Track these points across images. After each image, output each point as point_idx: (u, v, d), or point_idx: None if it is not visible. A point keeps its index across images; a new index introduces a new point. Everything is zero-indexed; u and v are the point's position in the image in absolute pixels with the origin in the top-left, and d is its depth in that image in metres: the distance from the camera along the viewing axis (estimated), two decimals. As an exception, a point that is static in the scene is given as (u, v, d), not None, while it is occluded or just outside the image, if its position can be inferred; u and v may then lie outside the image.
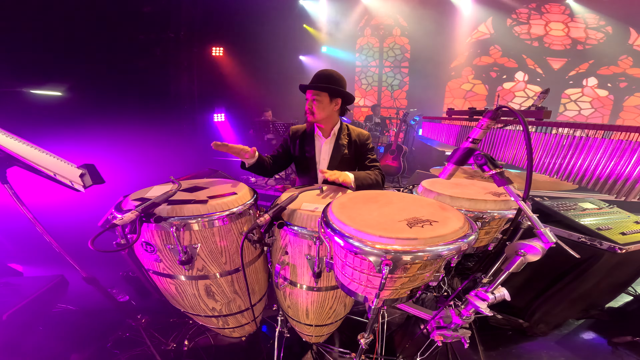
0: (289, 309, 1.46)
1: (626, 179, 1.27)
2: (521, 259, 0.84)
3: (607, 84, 6.76)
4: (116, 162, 3.78)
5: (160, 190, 1.26)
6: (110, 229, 1.02)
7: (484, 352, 1.76)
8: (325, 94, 1.68)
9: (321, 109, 1.69)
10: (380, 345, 1.57)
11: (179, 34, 5.38)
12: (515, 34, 7.16)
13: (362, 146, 1.81)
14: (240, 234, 1.29)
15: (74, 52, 3.63)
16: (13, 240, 2.63)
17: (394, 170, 5.16)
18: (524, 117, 0.85)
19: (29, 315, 1.61)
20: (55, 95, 3.57)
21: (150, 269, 1.31)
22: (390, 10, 7.89)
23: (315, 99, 1.67)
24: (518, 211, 1.00)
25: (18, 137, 1.07)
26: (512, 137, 1.87)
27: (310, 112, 1.70)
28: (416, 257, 0.81)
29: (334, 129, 1.80)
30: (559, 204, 1.95)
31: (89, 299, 1.96)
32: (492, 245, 1.47)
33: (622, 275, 1.85)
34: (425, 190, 1.52)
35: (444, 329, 1.11)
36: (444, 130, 2.70)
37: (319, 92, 1.67)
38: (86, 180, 1.07)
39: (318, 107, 1.69)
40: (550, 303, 1.83)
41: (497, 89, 7.56)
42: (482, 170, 0.92)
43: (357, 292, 0.98)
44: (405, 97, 8.62)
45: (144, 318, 1.61)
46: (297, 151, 1.85)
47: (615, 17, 6.34)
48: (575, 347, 1.85)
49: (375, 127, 6.43)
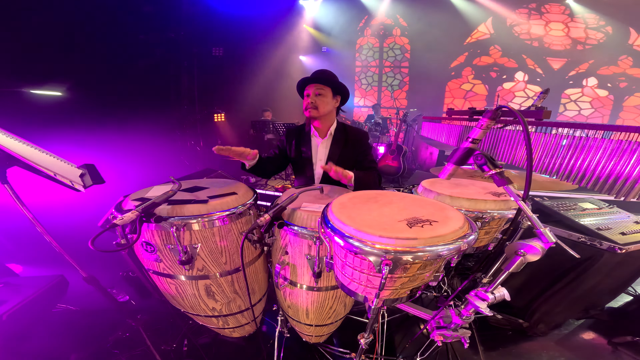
0: (289, 309, 1.46)
1: (626, 178, 1.26)
2: (521, 259, 0.84)
3: (607, 84, 6.76)
4: (116, 162, 3.78)
5: (160, 190, 1.26)
6: (110, 229, 1.02)
7: (484, 352, 1.76)
8: (329, 88, 1.66)
9: (325, 103, 1.67)
10: (380, 345, 1.57)
11: (179, 34, 5.39)
12: (515, 34, 7.16)
13: (360, 146, 1.79)
14: (240, 234, 1.29)
15: (74, 52, 3.63)
16: (13, 240, 2.63)
17: (394, 170, 5.16)
18: (524, 117, 0.85)
19: (29, 315, 1.61)
20: (55, 95, 3.57)
21: (150, 269, 1.31)
22: (390, 10, 7.90)
23: (320, 93, 1.65)
24: (518, 211, 1.00)
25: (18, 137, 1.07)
26: (512, 137, 1.86)
27: (314, 107, 1.65)
28: (416, 257, 0.81)
29: (331, 129, 1.77)
30: (558, 204, 1.95)
31: (89, 299, 1.97)
32: (492, 245, 1.47)
33: (622, 275, 1.85)
34: (425, 190, 1.52)
35: (444, 329, 1.11)
36: (444, 130, 2.70)
37: (323, 86, 1.65)
38: (86, 180, 1.07)
39: (322, 101, 1.65)
40: (550, 303, 1.82)
41: (497, 89, 7.56)
42: (482, 170, 0.92)
43: (357, 292, 0.98)
44: (405, 97, 8.62)
45: (144, 318, 1.61)
46: (294, 152, 1.83)
47: (615, 17, 6.34)
48: (575, 347, 1.85)
49: (375, 127, 6.43)
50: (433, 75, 7.90)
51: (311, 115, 1.69)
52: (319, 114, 1.68)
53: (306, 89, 1.69)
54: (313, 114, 1.68)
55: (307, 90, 1.68)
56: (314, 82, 1.66)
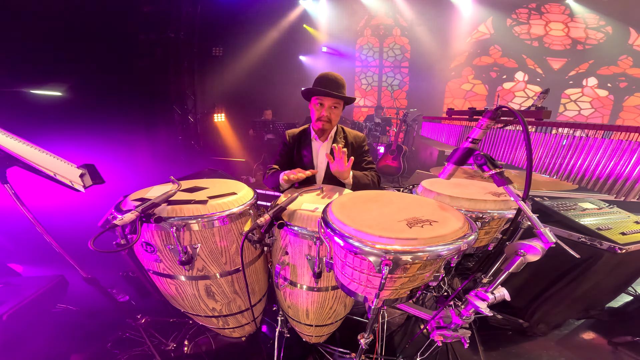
0: (289, 309, 1.46)
1: (626, 179, 1.26)
2: (521, 259, 0.84)
3: (607, 84, 6.76)
4: (116, 162, 3.78)
5: (160, 191, 1.26)
6: (110, 229, 1.01)
7: (484, 352, 1.76)
8: (342, 101, 1.65)
9: (338, 115, 1.68)
10: (380, 345, 1.57)
11: (179, 34, 5.39)
12: (515, 34, 7.16)
13: (359, 148, 1.81)
14: (240, 234, 1.29)
15: (74, 52, 3.63)
16: (13, 240, 2.63)
17: (394, 170, 5.16)
18: (524, 117, 0.85)
19: (29, 315, 1.61)
20: (55, 95, 3.57)
21: (150, 269, 1.31)
22: (390, 10, 7.90)
23: (336, 107, 1.64)
24: (518, 211, 1.00)
25: (18, 137, 1.07)
26: (512, 137, 1.86)
27: (327, 120, 1.63)
28: (416, 257, 0.81)
29: (332, 133, 1.78)
30: (559, 204, 1.95)
31: (89, 299, 1.96)
32: (492, 245, 1.47)
33: (622, 275, 1.85)
34: (425, 190, 1.52)
35: (444, 329, 1.11)
36: (444, 130, 2.70)
37: (339, 100, 1.63)
38: (86, 180, 1.07)
39: (336, 114, 1.66)
40: (550, 303, 1.82)
41: (497, 89, 7.56)
42: (482, 170, 0.92)
43: (357, 292, 0.98)
44: (405, 97, 8.62)
45: (144, 318, 1.61)
46: (295, 155, 1.83)
47: (615, 17, 6.34)
48: (575, 347, 1.85)
49: (375, 127, 6.43)
50: (433, 75, 7.90)
51: (323, 128, 1.68)
52: (332, 127, 1.70)
53: (319, 97, 1.63)
54: (326, 127, 1.67)
55: (320, 99, 1.63)
56: (333, 96, 1.59)
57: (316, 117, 1.66)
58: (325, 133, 1.76)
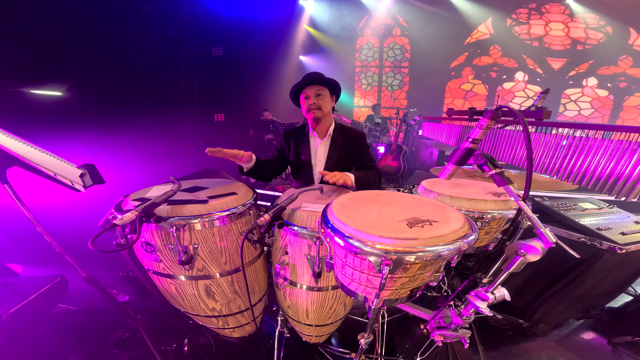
0: (289, 309, 1.46)
1: (626, 179, 1.26)
2: (521, 259, 0.84)
3: (607, 84, 6.76)
4: (116, 162, 3.78)
5: (160, 190, 1.26)
6: (110, 229, 1.02)
7: (484, 352, 1.76)
8: (327, 88, 1.68)
9: (326, 102, 1.69)
10: (380, 345, 1.57)
11: (179, 34, 5.39)
12: (515, 34, 7.16)
13: (359, 146, 1.79)
14: (240, 234, 1.29)
15: (74, 52, 3.63)
16: (13, 240, 2.63)
17: (394, 170, 5.16)
18: (524, 117, 0.85)
19: (29, 315, 1.61)
20: (55, 95, 3.57)
21: (150, 269, 1.31)
22: (390, 10, 7.90)
23: (320, 94, 1.67)
24: (518, 211, 1.00)
25: (18, 137, 1.07)
26: (512, 137, 1.87)
27: (317, 107, 1.66)
28: (416, 257, 0.81)
29: (330, 129, 1.78)
30: (559, 204, 1.95)
31: (89, 299, 1.96)
32: (492, 245, 1.47)
33: (622, 276, 1.85)
34: (425, 190, 1.52)
35: (444, 329, 1.11)
36: (444, 130, 2.70)
37: (321, 86, 1.67)
38: (86, 180, 1.07)
39: (324, 100, 1.68)
40: (550, 303, 1.82)
41: (497, 89, 7.57)
42: (482, 170, 0.92)
43: (357, 292, 0.98)
44: (405, 97, 8.62)
45: (144, 318, 1.61)
46: (292, 154, 1.83)
47: (615, 17, 6.35)
48: (575, 347, 1.85)
49: (375, 127, 6.43)
50: (433, 75, 7.90)
51: (315, 116, 1.70)
52: (323, 114, 1.70)
53: (303, 92, 1.70)
54: (317, 114, 1.69)
55: (305, 93, 1.69)
56: (312, 83, 1.67)
57: (306, 109, 1.70)
58: (321, 124, 1.76)
